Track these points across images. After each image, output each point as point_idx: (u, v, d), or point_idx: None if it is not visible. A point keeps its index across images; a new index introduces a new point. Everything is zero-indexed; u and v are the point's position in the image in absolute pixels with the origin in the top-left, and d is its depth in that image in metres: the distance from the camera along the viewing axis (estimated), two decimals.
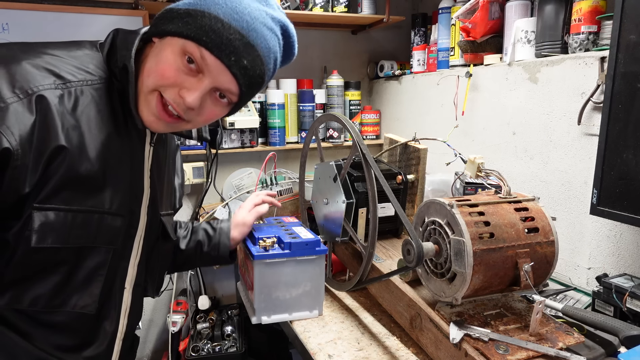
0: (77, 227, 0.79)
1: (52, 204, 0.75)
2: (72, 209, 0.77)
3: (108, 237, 0.84)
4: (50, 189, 0.74)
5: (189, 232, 1.22)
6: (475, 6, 1.68)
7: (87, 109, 0.79)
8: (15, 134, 0.69)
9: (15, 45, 0.79)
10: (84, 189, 0.79)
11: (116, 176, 0.84)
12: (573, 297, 1.32)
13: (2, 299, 0.78)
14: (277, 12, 0.87)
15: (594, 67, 1.32)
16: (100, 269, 0.85)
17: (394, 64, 2.39)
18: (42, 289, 0.80)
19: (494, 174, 1.05)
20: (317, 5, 2.11)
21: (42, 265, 0.79)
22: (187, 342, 1.92)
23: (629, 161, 1.07)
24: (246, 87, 0.83)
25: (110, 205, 0.83)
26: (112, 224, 0.84)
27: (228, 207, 1.90)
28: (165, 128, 0.86)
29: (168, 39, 0.80)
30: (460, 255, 0.90)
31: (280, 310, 1.20)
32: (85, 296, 0.84)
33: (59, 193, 0.75)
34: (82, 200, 0.79)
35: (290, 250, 1.16)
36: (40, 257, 0.78)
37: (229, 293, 2.34)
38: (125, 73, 0.81)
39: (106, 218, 0.83)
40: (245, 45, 0.79)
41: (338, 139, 2.32)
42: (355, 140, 1.10)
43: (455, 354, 0.91)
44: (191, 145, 2.06)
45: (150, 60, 0.82)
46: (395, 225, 1.42)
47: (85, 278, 0.84)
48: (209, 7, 0.79)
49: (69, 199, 0.77)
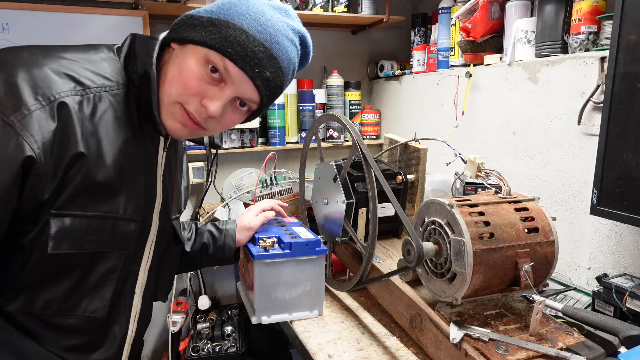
0: (91, 232, 0.79)
1: (68, 210, 0.75)
2: (87, 214, 0.77)
3: (121, 242, 0.85)
4: (67, 195, 0.74)
5: (193, 234, 1.22)
6: (475, 6, 1.68)
7: (105, 115, 0.79)
8: (39, 141, 0.70)
9: (36, 50, 0.79)
10: (99, 194, 0.79)
11: (131, 182, 0.84)
12: (573, 297, 1.32)
13: (15, 303, 0.78)
14: (296, 23, 0.88)
15: (594, 67, 1.32)
16: (112, 273, 0.85)
17: (394, 64, 2.39)
18: (54, 292, 0.80)
19: (494, 174, 1.05)
20: (317, 5, 2.11)
21: (55, 270, 0.79)
22: (187, 342, 1.92)
23: (629, 161, 1.07)
24: (267, 98, 0.85)
25: (124, 210, 0.83)
26: (125, 230, 0.84)
27: (228, 207, 1.90)
28: (187, 135, 0.87)
29: (190, 46, 0.81)
30: (460, 255, 0.90)
31: (280, 310, 1.20)
32: (96, 300, 0.85)
33: (75, 199, 0.76)
34: (97, 205, 0.79)
35: (290, 250, 1.16)
36: (55, 262, 0.78)
37: (229, 293, 2.34)
38: (146, 79, 0.81)
39: (120, 224, 0.83)
40: (269, 57, 0.80)
41: (338, 139, 2.32)
42: (355, 140, 1.10)
43: (455, 354, 0.91)
44: (191, 145, 2.06)
45: (172, 69, 0.82)
46: (395, 225, 1.42)
47: (97, 282, 0.84)
48: (233, 17, 0.79)
49: (84, 204, 0.77)
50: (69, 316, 0.83)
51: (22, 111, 0.69)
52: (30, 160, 0.69)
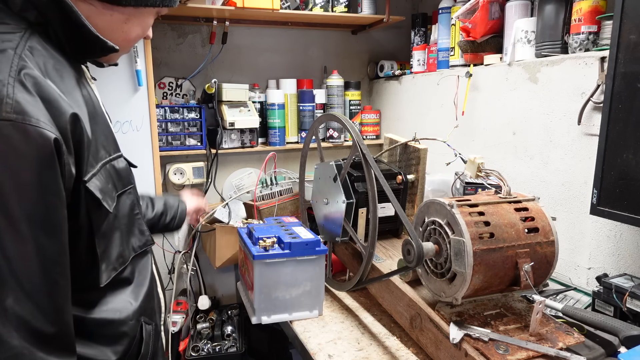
0: (106, 181, 0.79)
1: (90, 173, 0.75)
2: (98, 169, 0.77)
3: (125, 180, 0.87)
4: (86, 161, 0.73)
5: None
6: (475, 6, 1.68)
7: (47, 64, 0.72)
8: (47, 121, 0.65)
9: None
10: (92, 147, 0.77)
11: (97, 123, 0.81)
12: (573, 297, 1.32)
13: (104, 274, 0.80)
14: None
15: (594, 67, 1.32)
16: (134, 209, 0.89)
17: (394, 64, 2.39)
18: (116, 248, 0.83)
19: (494, 174, 1.05)
20: (317, 5, 2.11)
21: (108, 229, 0.81)
22: (187, 342, 1.92)
23: (629, 161, 1.07)
24: None
25: (108, 151, 0.83)
26: (121, 167, 0.86)
27: (228, 207, 1.90)
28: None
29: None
30: (460, 255, 0.90)
31: (280, 310, 1.20)
32: (137, 236, 0.89)
33: (88, 160, 0.75)
34: (96, 157, 0.78)
35: (290, 250, 1.16)
36: (108, 222, 0.80)
37: (229, 293, 2.34)
38: (55, 3, 0.73)
39: (114, 164, 0.84)
40: None
41: (338, 139, 2.32)
42: (355, 140, 1.10)
43: (455, 354, 0.91)
44: (191, 145, 2.07)
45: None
46: (395, 225, 1.42)
47: (129, 222, 0.87)
48: None
49: (93, 162, 0.76)
50: (127, 266, 0.86)
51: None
52: (57, 142, 0.65)
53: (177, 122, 2.02)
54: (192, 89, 2.16)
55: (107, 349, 0.82)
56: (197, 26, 2.15)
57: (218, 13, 1.96)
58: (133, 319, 0.86)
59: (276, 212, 1.75)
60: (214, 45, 2.14)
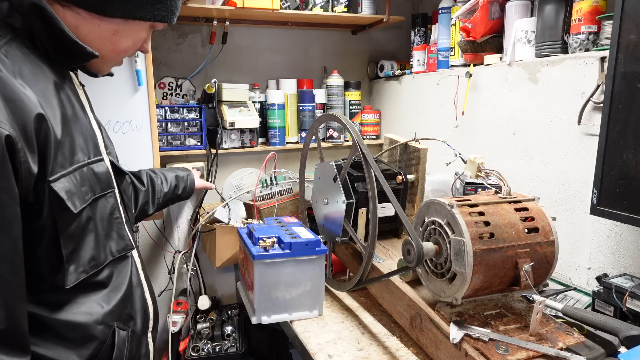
0: (81, 184, 0.80)
1: (58, 173, 0.75)
2: (70, 170, 0.78)
3: (104, 183, 0.87)
4: (51, 160, 0.74)
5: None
6: (475, 6, 1.68)
7: (23, 68, 0.75)
8: (3, 120, 0.67)
9: None
10: (65, 148, 0.78)
11: (77, 126, 0.83)
12: (573, 297, 1.32)
13: (71, 276, 0.79)
14: None
15: (594, 67, 1.32)
16: (113, 213, 0.89)
17: (394, 64, 2.39)
18: (89, 250, 0.82)
19: (494, 174, 1.05)
20: (317, 5, 2.11)
21: (80, 231, 0.81)
22: (187, 342, 1.92)
23: (629, 161, 1.07)
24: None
25: (88, 154, 0.84)
26: (100, 170, 0.86)
27: (228, 207, 1.90)
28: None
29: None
30: (460, 255, 0.90)
31: (280, 310, 1.20)
32: (117, 240, 0.89)
33: (56, 160, 0.75)
34: (70, 159, 0.79)
35: (290, 250, 1.16)
36: (77, 223, 0.80)
37: (229, 293, 2.34)
38: (35, 10, 0.75)
39: (92, 167, 0.84)
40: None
41: (338, 139, 2.32)
42: (355, 140, 1.10)
43: (455, 354, 0.91)
44: (191, 145, 2.07)
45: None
46: (395, 225, 1.42)
47: (108, 226, 0.87)
48: None
49: (63, 163, 0.77)
50: (102, 270, 0.86)
51: None
52: (9, 139, 0.66)
53: (177, 122, 2.02)
54: (192, 89, 2.16)
55: (72, 352, 0.81)
56: (197, 26, 2.15)
57: (218, 13, 1.96)
58: (102, 324, 0.85)
59: (276, 212, 1.75)
60: (214, 45, 2.14)
